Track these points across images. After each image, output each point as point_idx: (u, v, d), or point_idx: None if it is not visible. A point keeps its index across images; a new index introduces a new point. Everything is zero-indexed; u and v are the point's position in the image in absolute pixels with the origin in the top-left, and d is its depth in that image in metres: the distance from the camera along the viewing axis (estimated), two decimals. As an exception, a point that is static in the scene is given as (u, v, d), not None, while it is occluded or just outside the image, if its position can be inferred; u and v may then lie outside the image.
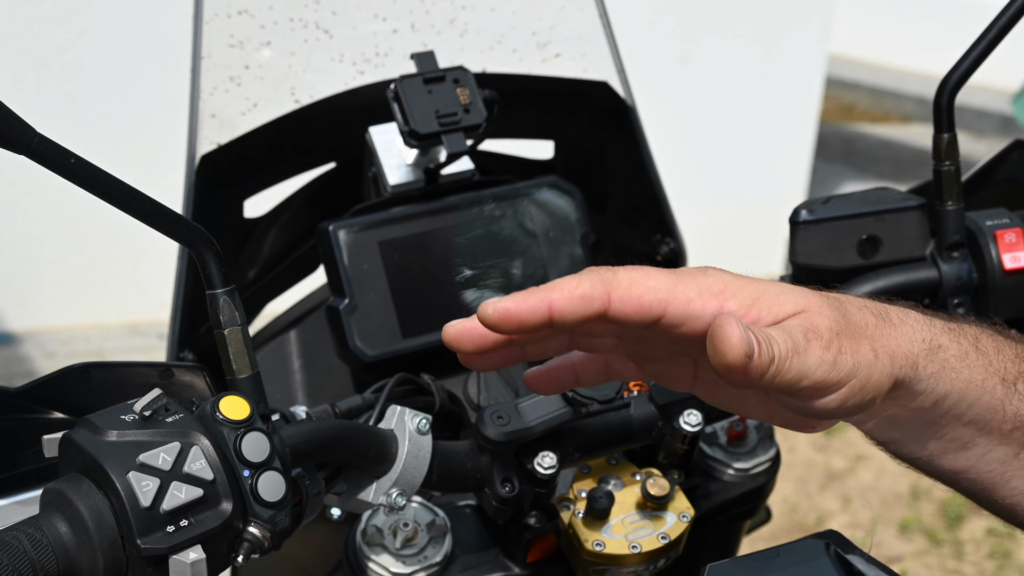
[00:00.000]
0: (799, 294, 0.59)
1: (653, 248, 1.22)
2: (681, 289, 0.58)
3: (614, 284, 0.58)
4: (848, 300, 0.61)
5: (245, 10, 1.12)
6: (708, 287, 0.58)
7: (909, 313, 0.63)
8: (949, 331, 0.64)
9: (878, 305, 0.62)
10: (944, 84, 0.86)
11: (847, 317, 0.59)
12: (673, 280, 0.58)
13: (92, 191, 0.59)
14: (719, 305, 0.57)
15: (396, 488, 0.73)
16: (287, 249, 1.20)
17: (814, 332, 0.56)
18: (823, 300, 0.59)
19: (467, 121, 1.01)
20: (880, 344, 0.59)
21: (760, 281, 0.60)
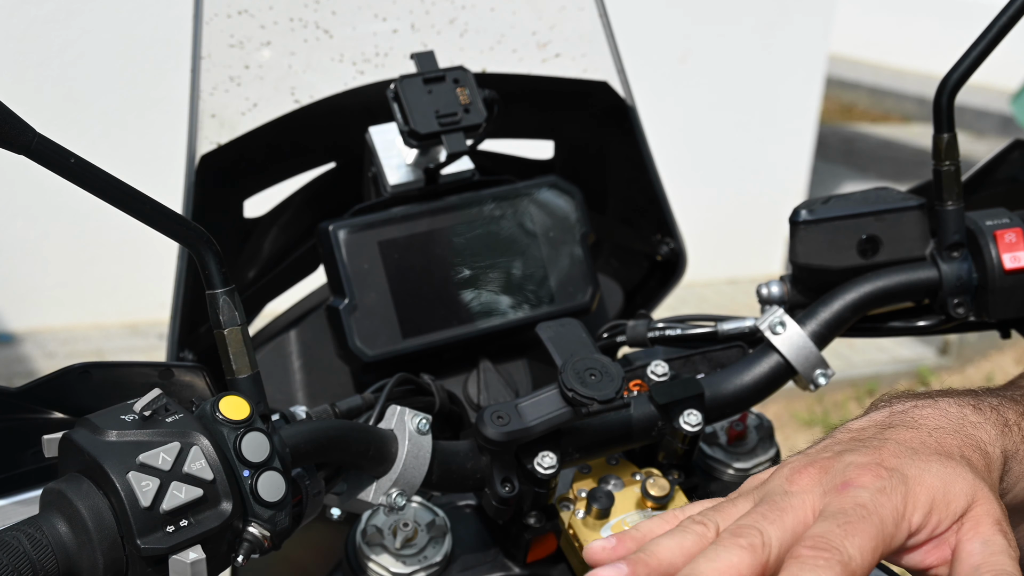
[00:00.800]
0: (960, 478, 0.57)
1: (653, 248, 1.21)
2: (889, 530, 0.55)
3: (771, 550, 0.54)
4: (983, 447, 0.61)
5: (245, 10, 1.12)
6: (890, 512, 0.55)
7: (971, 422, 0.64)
8: (1003, 425, 0.65)
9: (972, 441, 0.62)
10: (944, 84, 0.86)
11: (980, 482, 0.58)
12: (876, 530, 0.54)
13: (92, 191, 0.59)
14: (908, 527, 0.55)
15: (396, 488, 0.73)
16: (287, 249, 1.20)
17: (1003, 530, 0.56)
18: (970, 474, 0.58)
19: (467, 121, 1.01)
20: (992, 486, 0.60)
21: (923, 471, 0.57)
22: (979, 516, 0.56)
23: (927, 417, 0.63)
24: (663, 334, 0.97)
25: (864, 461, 0.57)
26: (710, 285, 4.39)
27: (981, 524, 0.56)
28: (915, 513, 0.55)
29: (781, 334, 0.88)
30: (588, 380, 0.74)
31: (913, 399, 0.67)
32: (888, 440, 0.60)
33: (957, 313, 0.90)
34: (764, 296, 0.94)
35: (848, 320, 0.90)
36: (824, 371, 0.88)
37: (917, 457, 0.58)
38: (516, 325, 1.03)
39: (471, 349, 1.04)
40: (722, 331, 0.95)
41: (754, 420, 0.99)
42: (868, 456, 0.58)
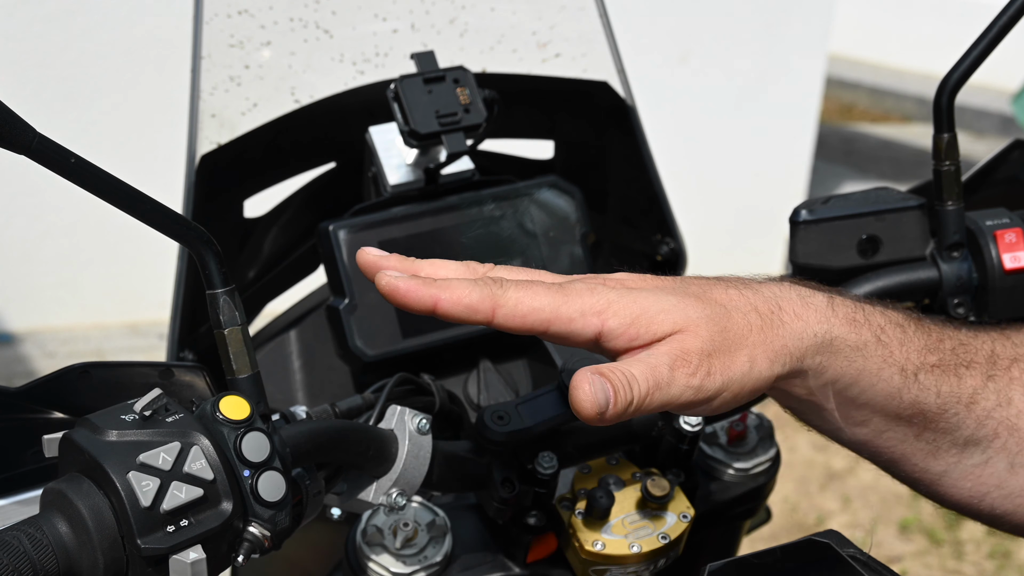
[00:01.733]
0: (679, 311, 0.62)
1: (653, 248, 1.21)
2: (564, 310, 0.61)
3: (501, 301, 0.61)
4: (734, 307, 0.64)
5: (245, 10, 1.12)
6: (591, 306, 0.61)
7: (810, 305, 0.66)
8: (851, 322, 0.66)
9: (773, 303, 0.65)
10: (944, 84, 0.86)
11: (726, 331, 0.62)
12: (558, 300, 0.61)
13: (92, 191, 0.59)
14: (600, 324, 0.61)
15: (396, 488, 0.73)
16: (287, 249, 1.20)
17: (682, 358, 0.61)
18: (703, 316, 0.62)
19: (467, 121, 1.01)
20: (760, 349, 0.63)
21: (645, 296, 0.62)
22: (673, 339, 0.61)
23: (752, 283, 0.67)
24: (663, 334, 0.97)
25: (618, 277, 0.66)
26: (710, 285, 4.38)
27: (667, 344, 0.61)
28: (613, 318, 0.61)
29: (781, 334, 0.88)
30: (588, 380, 0.74)
31: (781, 277, 0.70)
32: (677, 280, 0.66)
33: (957, 313, 0.90)
34: (764, 296, 0.94)
35: (848, 320, 0.90)
36: (824, 371, 0.88)
37: (664, 289, 0.64)
38: (516, 325, 1.03)
39: (471, 349, 1.04)
40: (722, 331, 0.95)
41: (754, 420, 0.99)
42: (630, 276, 0.66)
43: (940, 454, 0.72)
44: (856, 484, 3.27)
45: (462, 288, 0.61)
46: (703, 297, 0.64)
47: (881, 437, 0.72)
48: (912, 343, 0.69)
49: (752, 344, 0.63)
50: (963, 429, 0.71)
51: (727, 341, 0.62)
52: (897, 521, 3.10)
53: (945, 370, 0.69)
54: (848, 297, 0.69)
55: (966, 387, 0.70)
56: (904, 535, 3.03)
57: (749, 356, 0.62)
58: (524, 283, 0.62)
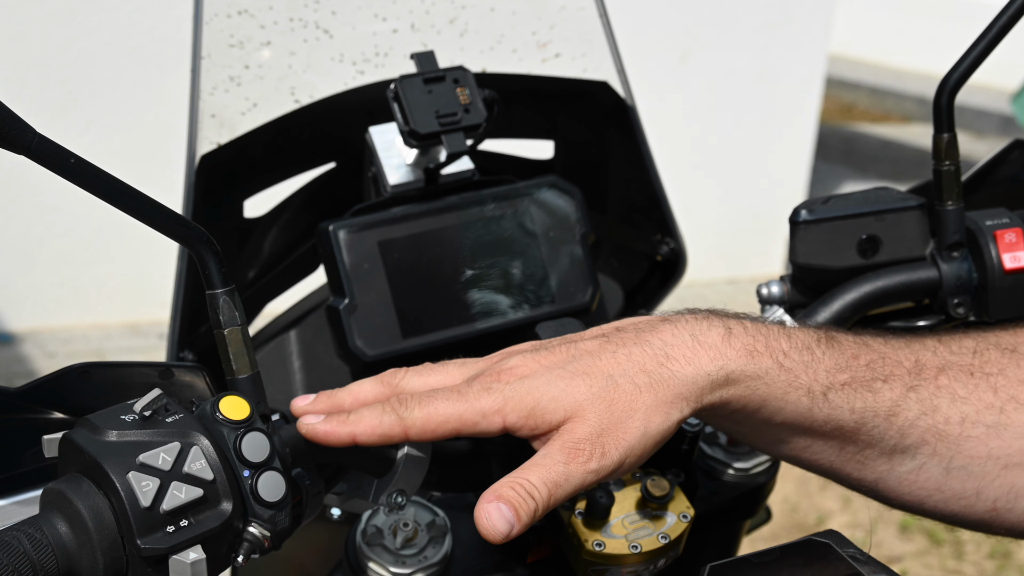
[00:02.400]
0: (567, 397, 0.65)
1: (653, 248, 1.21)
2: (468, 415, 0.65)
3: (408, 422, 0.66)
4: (621, 374, 0.66)
5: (245, 10, 1.12)
6: (490, 407, 0.65)
7: (702, 345, 0.68)
8: (748, 353, 0.68)
9: (660, 354, 0.67)
10: (944, 84, 0.86)
11: (613, 404, 0.65)
12: (460, 407, 0.66)
13: (92, 191, 0.59)
14: (502, 421, 0.65)
15: (396, 488, 0.73)
16: (287, 249, 1.20)
17: (574, 449, 0.64)
18: (589, 396, 0.65)
19: (467, 121, 1.01)
20: (651, 409, 0.65)
21: (537, 386, 0.66)
22: (565, 430, 0.65)
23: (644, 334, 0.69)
24: (663, 334, 0.96)
25: (512, 366, 0.68)
26: (710, 285, 4.39)
27: (560, 437, 0.65)
28: (512, 414, 0.65)
29: (781, 334, 0.88)
30: (588, 380, 0.74)
31: (679, 316, 0.72)
32: (569, 352, 0.69)
33: (957, 313, 0.90)
34: (764, 296, 0.94)
35: (848, 320, 0.90)
36: (824, 371, 0.88)
37: (554, 370, 0.67)
38: (516, 325, 1.03)
39: (471, 349, 1.04)
40: (722, 331, 0.95)
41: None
42: (524, 360, 0.69)
43: (869, 463, 0.73)
44: (856, 484, 3.27)
45: (372, 418, 0.66)
46: (590, 372, 0.66)
47: (806, 452, 0.73)
48: (820, 364, 0.70)
49: (643, 407, 0.65)
50: (887, 440, 0.71)
51: (615, 414, 0.65)
52: (897, 521, 3.10)
53: (858, 386, 0.70)
54: (752, 323, 0.71)
55: (883, 400, 0.70)
56: (904, 535, 3.03)
57: (642, 419, 0.65)
58: (426, 396, 0.67)
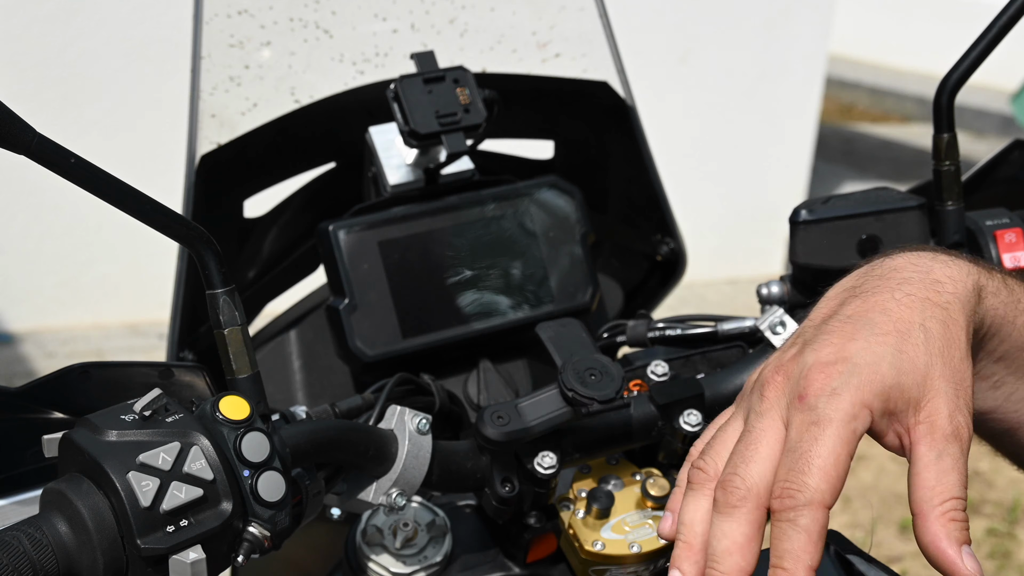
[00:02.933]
0: (915, 368, 0.60)
1: (653, 248, 1.21)
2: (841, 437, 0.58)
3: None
4: (924, 319, 0.61)
5: (245, 10, 1.12)
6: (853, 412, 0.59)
7: (952, 265, 0.65)
8: (984, 271, 0.66)
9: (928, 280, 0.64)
10: (944, 84, 0.86)
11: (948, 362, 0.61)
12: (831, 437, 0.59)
13: (92, 191, 0.59)
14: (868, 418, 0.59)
15: (396, 488, 0.73)
16: (287, 249, 1.20)
17: (956, 434, 0.59)
18: (928, 359, 0.60)
19: (467, 121, 1.01)
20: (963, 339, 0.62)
21: (879, 358, 0.60)
22: (934, 414, 0.59)
23: (896, 268, 0.66)
24: (663, 334, 0.97)
25: (817, 360, 0.61)
26: (710, 285, 4.39)
27: (936, 428, 0.59)
28: (874, 401, 0.59)
29: (781, 334, 0.88)
30: (588, 380, 0.74)
31: (895, 251, 0.69)
32: (848, 319, 0.63)
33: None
34: (764, 296, 0.94)
35: (848, 320, 0.90)
36: (824, 371, 0.88)
37: (873, 338, 0.60)
38: (516, 325, 1.03)
39: (471, 349, 1.04)
40: (722, 331, 0.95)
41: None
42: (823, 350, 0.61)
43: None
44: (856, 484, 3.27)
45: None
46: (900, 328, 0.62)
47: (1010, 400, 0.71)
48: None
49: (958, 343, 0.62)
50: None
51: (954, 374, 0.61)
52: (897, 521, 3.09)
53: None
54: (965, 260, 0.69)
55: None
56: (904, 535, 3.02)
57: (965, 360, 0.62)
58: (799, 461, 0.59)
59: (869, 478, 3.30)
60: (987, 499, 3.25)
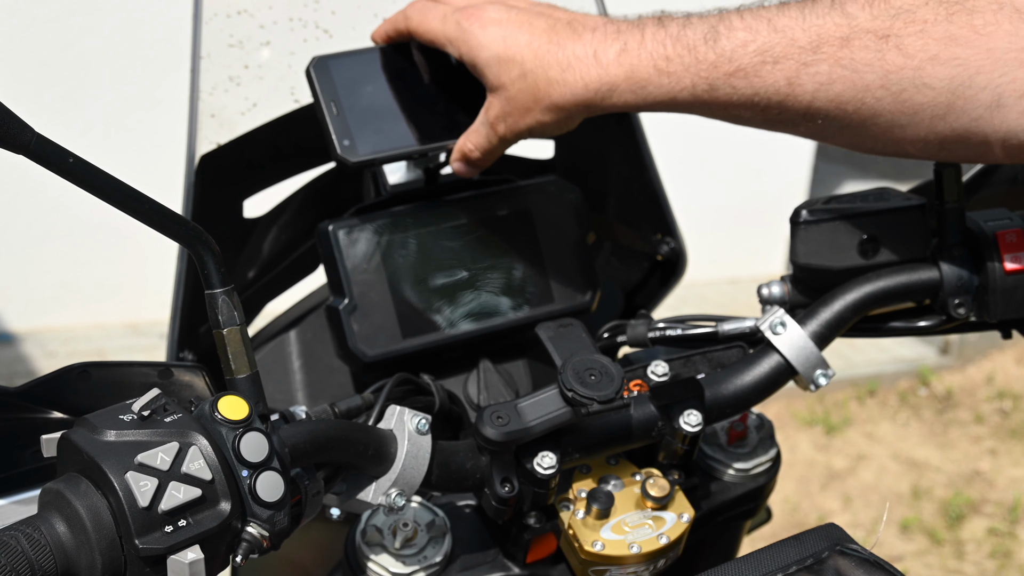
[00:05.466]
0: (501, 70, 0.85)
1: (653, 248, 1.21)
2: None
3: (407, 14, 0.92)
4: (537, 66, 0.83)
5: (244, 10, 1.12)
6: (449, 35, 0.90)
7: (598, 61, 0.81)
8: (630, 68, 0.80)
9: (565, 62, 0.82)
10: (944, 84, 0.85)
11: (523, 92, 0.84)
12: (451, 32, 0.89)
13: (91, 191, 0.59)
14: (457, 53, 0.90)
15: (395, 488, 0.73)
16: (287, 249, 1.20)
17: (496, 122, 0.88)
18: (513, 78, 0.84)
19: (467, 121, 1.00)
20: (550, 107, 0.85)
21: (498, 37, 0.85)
22: (491, 102, 0.87)
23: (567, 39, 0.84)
24: (663, 334, 0.97)
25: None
26: (710, 285, 4.39)
27: (486, 110, 0.88)
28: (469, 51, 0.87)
29: (782, 334, 0.88)
30: (588, 380, 0.74)
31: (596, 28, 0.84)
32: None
33: (958, 313, 0.90)
34: (764, 296, 0.94)
35: (849, 320, 0.90)
36: (825, 371, 0.88)
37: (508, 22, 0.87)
38: (516, 325, 1.03)
39: (471, 349, 1.04)
40: (722, 331, 0.95)
41: (755, 420, 0.99)
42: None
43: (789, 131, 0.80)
44: (857, 484, 3.27)
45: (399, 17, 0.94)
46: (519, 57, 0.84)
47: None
48: (704, 60, 0.77)
49: (543, 104, 0.84)
50: (792, 116, 0.76)
51: (524, 101, 0.85)
52: (898, 521, 3.10)
53: (745, 75, 0.75)
54: (652, 31, 0.79)
55: (771, 82, 0.75)
56: (905, 535, 3.03)
57: (538, 116, 0.85)
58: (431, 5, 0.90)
59: (870, 478, 3.30)
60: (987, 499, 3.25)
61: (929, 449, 3.56)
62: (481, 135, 0.90)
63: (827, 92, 0.73)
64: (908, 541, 2.99)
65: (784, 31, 0.74)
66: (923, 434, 3.67)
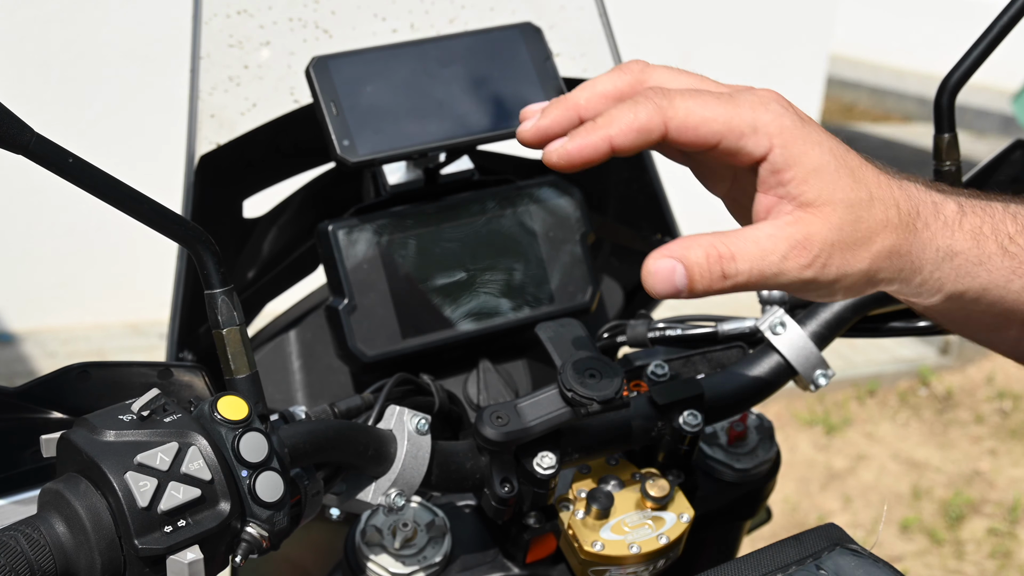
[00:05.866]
0: (829, 181, 0.58)
1: (653, 248, 1.21)
2: (738, 122, 0.57)
3: (671, 115, 0.57)
4: (879, 198, 0.59)
5: (244, 10, 1.12)
6: (764, 125, 0.58)
7: (939, 215, 0.62)
8: (975, 236, 0.63)
9: (915, 202, 0.61)
10: (945, 84, 0.85)
11: (860, 221, 0.58)
12: (731, 112, 0.58)
13: (90, 191, 0.59)
14: (768, 146, 0.57)
15: (395, 488, 0.73)
16: (287, 249, 1.19)
17: (802, 246, 0.57)
18: (846, 198, 0.58)
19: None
20: (882, 252, 0.59)
21: (815, 141, 0.58)
22: (799, 221, 0.57)
23: (894, 172, 0.65)
24: (663, 334, 0.97)
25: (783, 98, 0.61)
26: (711, 285, 4.38)
27: (795, 225, 0.57)
28: (779, 148, 0.57)
29: (781, 334, 0.88)
30: (588, 380, 0.74)
31: (914, 177, 0.67)
32: (832, 137, 0.61)
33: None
34: (764, 296, 0.94)
35: (849, 320, 0.90)
36: (824, 371, 0.88)
37: (827, 146, 0.59)
38: (516, 325, 1.03)
39: (471, 349, 1.04)
40: (722, 331, 0.95)
41: (754, 420, 0.99)
42: (797, 108, 0.61)
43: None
44: (857, 484, 3.27)
45: (626, 115, 0.57)
46: (857, 174, 0.59)
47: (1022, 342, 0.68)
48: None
49: (879, 244, 0.59)
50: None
51: (856, 234, 0.58)
52: (898, 521, 3.09)
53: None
54: (980, 202, 0.65)
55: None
56: (905, 535, 3.02)
57: (870, 257, 0.59)
58: (690, 91, 0.59)
59: (870, 478, 3.30)
60: (987, 499, 3.25)
61: (929, 449, 3.56)
62: (767, 256, 0.58)
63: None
64: (908, 541, 2.99)
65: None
66: (923, 434, 3.67)
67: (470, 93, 0.97)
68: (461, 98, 0.98)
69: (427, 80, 0.98)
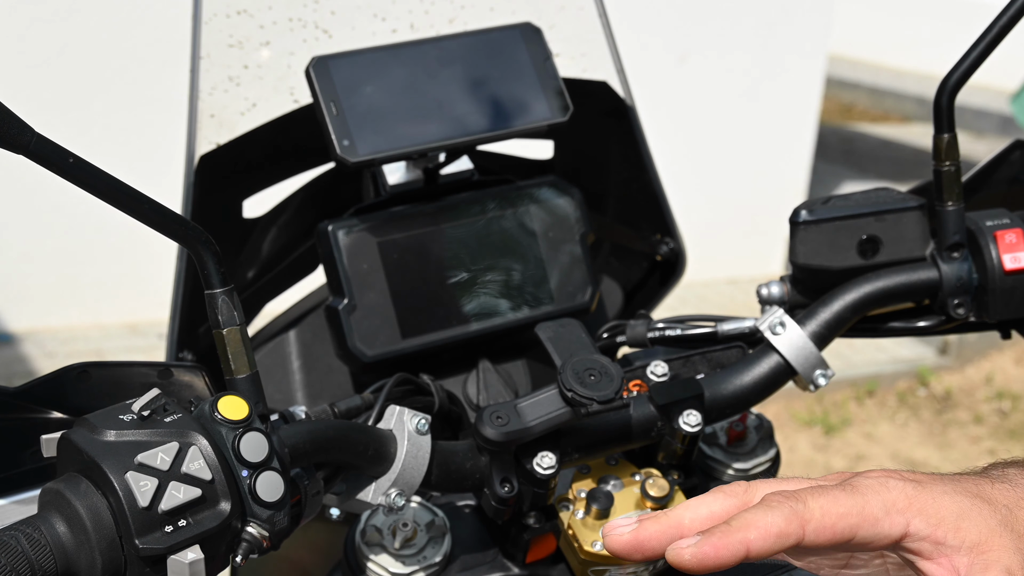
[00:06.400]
0: (980, 518, 0.58)
1: (653, 248, 1.21)
2: (869, 510, 0.58)
3: (807, 517, 0.57)
4: (1015, 506, 0.60)
5: (244, 10, 1.12)
6: (893, 503, 0.58)
7: None
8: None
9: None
10: (944, 84, 0.85)
11: (1019, 522, 0.59)
12: (860, 502, 0.58)
13: (90, 191, 0.59)
14: (906, 524, 0.58)
15: (395, 488, 0.73)
16: (287, 249, 1.20)
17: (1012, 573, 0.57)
18: (1003, 530, 0.58)
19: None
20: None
21: (940, 494, 0.59)
22: (990, 559, 0.57)
23: (1002, 477, 0.63)
24: (663, 334, 0.97)
25: (890, 472, 0.60)
26: (710, 285, 4.39)
27: (991, 568, 0.56)
28: (916, 517, 0.57)
29: (781, 334, 0.88)
30: (588, 380, 0.74)
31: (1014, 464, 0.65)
32: (942, 476, 0.61)
33: (957, 314, 0.90)
34: (764, 296, 0.94)
35: (848, 320, 0.90)
36: (824, 371, 0.88)
37: (949, 486, 0.59)
38: (516, 325, 1.03)
39: (470, 349, 1.04)
40: (722, 331, 0.95)
41: (754, 420, 0.99)
42: (896, 471, 0.60)
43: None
44: (856, 484, 3.27)
45: (763, 519, 0.56)
46: (987, 498, 0.59)
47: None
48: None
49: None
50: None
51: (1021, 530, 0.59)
52: (897, 521, 3.09)
53: None
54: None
55: None
56: (904, 535, 3.02)
57: None
58: (818, 489, 0.58)
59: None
60: (987, 499, 3.25)
61: (928, 449, 3.56)
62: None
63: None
64: (907, 541, 2.99)
65: None
66: (922, 434, 3.67)
67: (470, 93, 0.97)
68: (461, 98, 0.98)
69: (427, 80, 0.98)
